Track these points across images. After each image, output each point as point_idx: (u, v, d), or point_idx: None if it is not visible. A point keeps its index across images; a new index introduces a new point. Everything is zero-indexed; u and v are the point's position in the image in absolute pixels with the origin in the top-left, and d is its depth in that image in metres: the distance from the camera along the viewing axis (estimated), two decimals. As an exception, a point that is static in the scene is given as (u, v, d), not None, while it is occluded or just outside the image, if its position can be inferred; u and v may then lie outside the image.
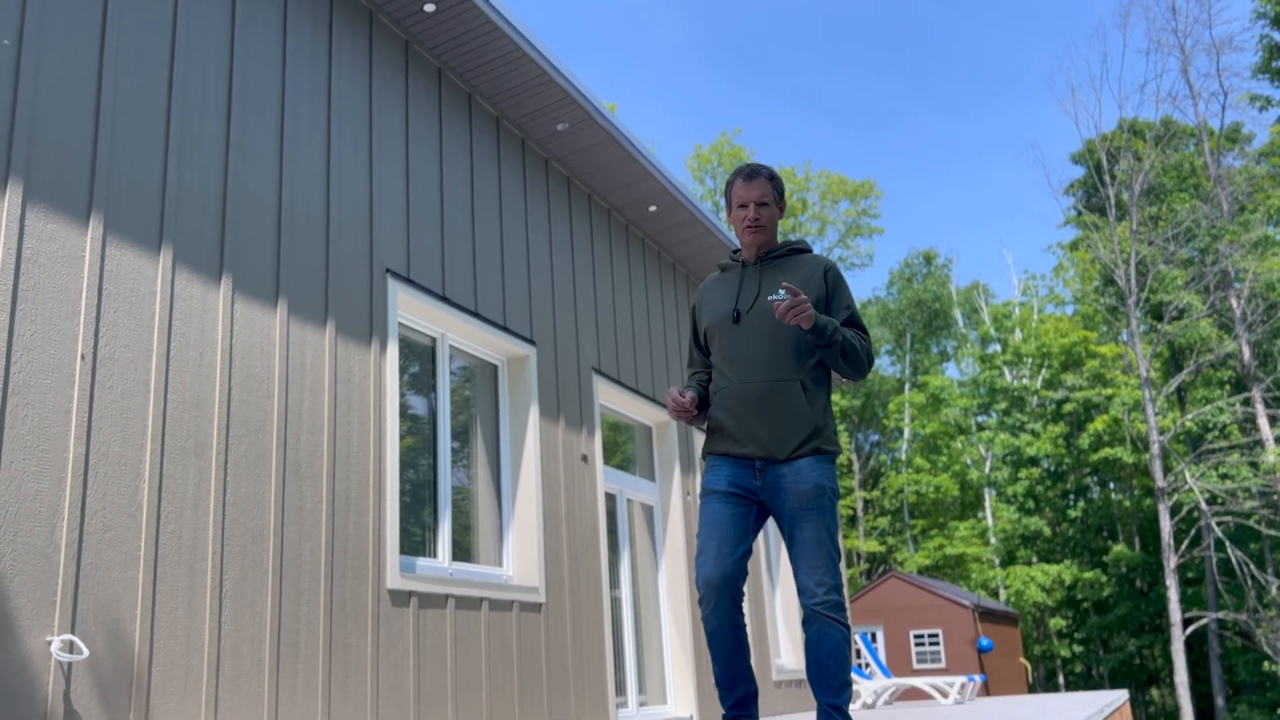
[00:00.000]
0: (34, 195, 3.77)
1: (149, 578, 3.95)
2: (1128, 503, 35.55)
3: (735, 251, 3.57)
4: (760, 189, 3.44)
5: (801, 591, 3.22)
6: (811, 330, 3.20)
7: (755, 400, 3.28)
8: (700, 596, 3.26)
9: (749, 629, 9.84)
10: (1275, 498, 27.49)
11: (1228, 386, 33.21)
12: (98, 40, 4.15)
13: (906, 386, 42.55)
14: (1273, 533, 27.21)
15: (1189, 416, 28.51)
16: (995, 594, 36.34)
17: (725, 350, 3.39)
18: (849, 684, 3.17)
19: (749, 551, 3.28)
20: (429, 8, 6.04)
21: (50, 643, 3.55)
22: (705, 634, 3.28)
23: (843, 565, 11.69)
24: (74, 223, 3.91)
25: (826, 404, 3.35)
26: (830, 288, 3.40)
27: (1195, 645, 34.34)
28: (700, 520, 3.35)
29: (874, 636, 26.55)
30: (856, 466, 42.15)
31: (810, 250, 3.53)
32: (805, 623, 3.22)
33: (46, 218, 3.81)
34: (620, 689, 7.88)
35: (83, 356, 3.84)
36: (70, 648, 3.61)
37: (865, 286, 76.13)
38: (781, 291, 3.36)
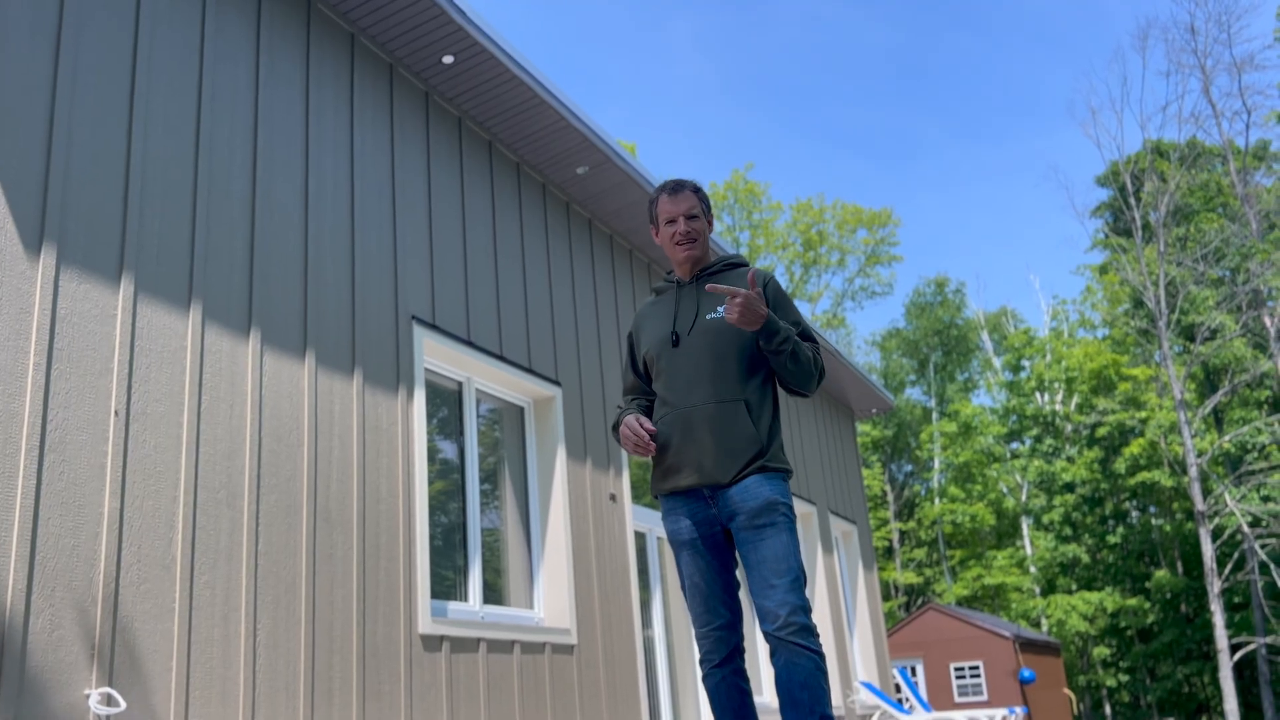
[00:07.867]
0: (67, 256, 3.88)
1: (184, 629, 4.00)
2: (1168, 527, 34.95)
3: (669, 273, 3.41)
4: (687, 202, 3.30)
5: (763, 617, 2.94)
6: (762, 331, 3.06)
7: (697, 423, 3.11)
8: (700, 657, 3.15)
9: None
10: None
11: (1265, 406, 32.72)
12: (126, 104, 4.27)
13: (935, 415, 42.24)
14: (1319, 554, 26.66)
15: (1227, 438, 28.06)
16: (1036, 624, 35.77)
17: (666, 375, 3.23)
18: (830, 719, 2.92)
19: (736, 590, 3.16)
20: (447, 59, 6.16)
21: (89, 696, 3.60)
22: (705, 691, 3.14)
23: (809, 591, 11.50)
24: (106, 282, 4.01)
25: (773, 423, 3.17)
26: (771, 301, 3.24)
27: (1245, 671, 33.59)
28: (679, 573, 3.22)
29: (914, 670, 26.18)
30: (891, 498, 41.77)
31: (747, 264, 3.36)
32: (772, 655, 2.95)
33: (80, 277, 3.91)
34: (655, 729, 7.83)
35: (116, 412, 3.92)
36: (108, 700, 3.66)
37: (884, 317, 75.80)
38: (720, 310, 3.17)
